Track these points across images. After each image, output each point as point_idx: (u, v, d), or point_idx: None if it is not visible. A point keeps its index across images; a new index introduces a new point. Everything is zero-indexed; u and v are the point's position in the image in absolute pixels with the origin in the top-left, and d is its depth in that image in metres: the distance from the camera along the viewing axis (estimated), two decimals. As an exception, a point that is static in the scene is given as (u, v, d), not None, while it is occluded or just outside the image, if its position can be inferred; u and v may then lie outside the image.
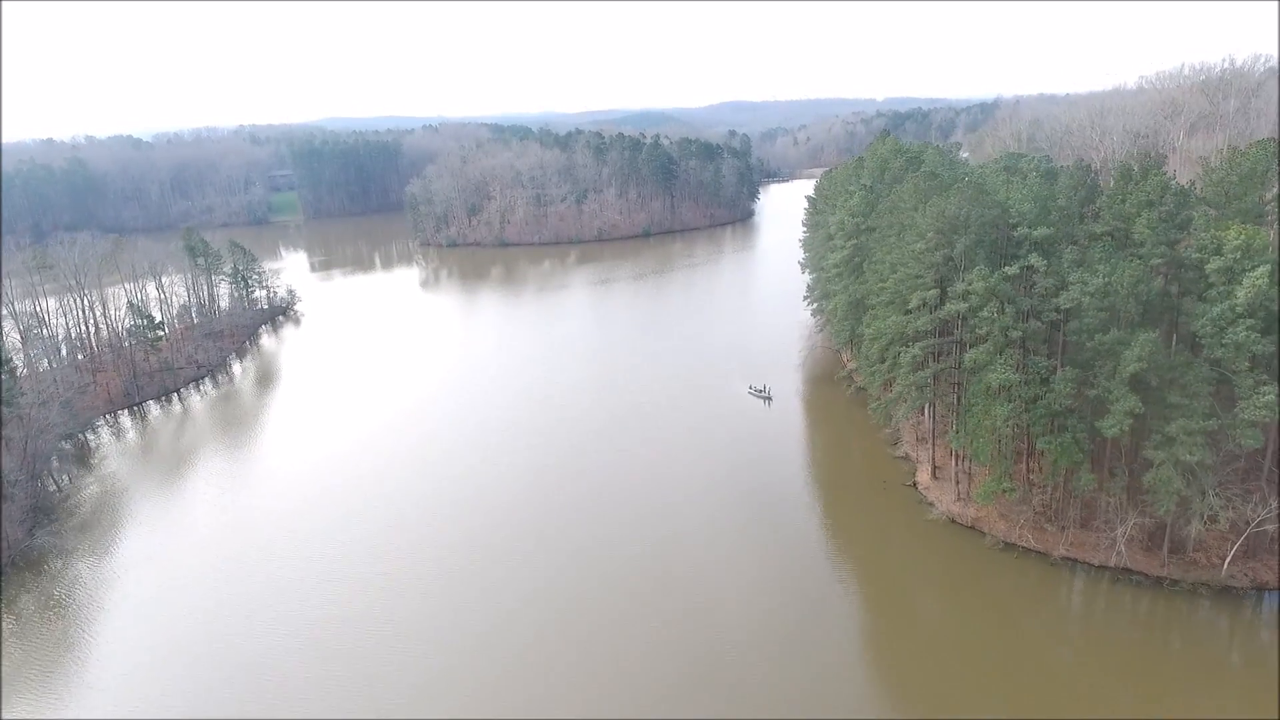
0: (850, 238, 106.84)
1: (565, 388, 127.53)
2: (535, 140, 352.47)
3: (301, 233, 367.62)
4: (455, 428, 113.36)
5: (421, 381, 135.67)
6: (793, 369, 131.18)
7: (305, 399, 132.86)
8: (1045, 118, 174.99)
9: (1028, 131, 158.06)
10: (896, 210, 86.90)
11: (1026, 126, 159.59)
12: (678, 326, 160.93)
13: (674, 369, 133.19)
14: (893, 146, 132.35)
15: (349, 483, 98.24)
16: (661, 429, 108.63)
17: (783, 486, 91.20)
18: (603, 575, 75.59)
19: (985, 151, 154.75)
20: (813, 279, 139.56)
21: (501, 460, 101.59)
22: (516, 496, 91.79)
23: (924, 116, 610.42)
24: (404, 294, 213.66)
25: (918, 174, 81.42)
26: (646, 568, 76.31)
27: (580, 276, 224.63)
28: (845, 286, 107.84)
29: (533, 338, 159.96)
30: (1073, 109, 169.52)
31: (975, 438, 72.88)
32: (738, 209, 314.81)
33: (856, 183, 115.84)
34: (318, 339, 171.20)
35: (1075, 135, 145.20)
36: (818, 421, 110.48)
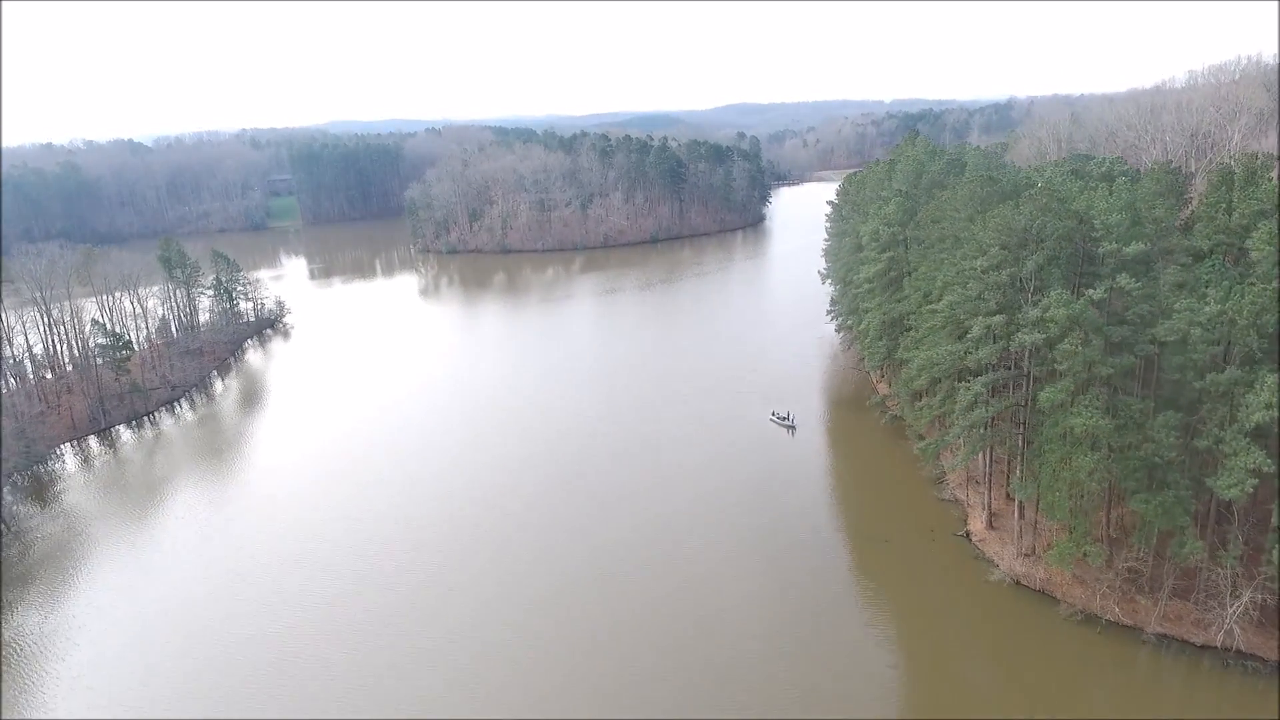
0: (885, 249, 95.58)
1: (567, 414, 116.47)
2: (539, 143, 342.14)
3: (300, 238, 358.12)
4: (449, 463, 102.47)
5: (413, 405, 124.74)
6: (816, 391, 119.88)
7: (289, 421, 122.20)
8: (1084, 116, 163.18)
9: (1067, 131, 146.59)
10: (944, 219, 75.65)
11: (1066, 125, 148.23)
12: (688, 342, 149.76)
13: (685, 391, 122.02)
14: (925, 148, 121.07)
15: (336, 516, 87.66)
16: (672, 462, 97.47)
17: (811, 534, 79.94)
18: (602, 637, 64.65)
19: (1022, 153, 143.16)
20: (837, 292, 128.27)
21: (492, 505, 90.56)
22: (505, 549, 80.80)
23: (936, 117, 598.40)
24: (402, 304, 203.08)
25: (972, 178, 70.44)
26: (650, 624, 65.40)
27: (585, 285, 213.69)
28: (879, 304, 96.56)
29: (534, 356, 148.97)
30: (1115, 106, 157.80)
31: (1050, 491, 61.53)
32: (749, 214, 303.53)
33: (889, 187, 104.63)
34: (307, 354, 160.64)
35: (1122, 135, 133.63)
36: (848, 454, 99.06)
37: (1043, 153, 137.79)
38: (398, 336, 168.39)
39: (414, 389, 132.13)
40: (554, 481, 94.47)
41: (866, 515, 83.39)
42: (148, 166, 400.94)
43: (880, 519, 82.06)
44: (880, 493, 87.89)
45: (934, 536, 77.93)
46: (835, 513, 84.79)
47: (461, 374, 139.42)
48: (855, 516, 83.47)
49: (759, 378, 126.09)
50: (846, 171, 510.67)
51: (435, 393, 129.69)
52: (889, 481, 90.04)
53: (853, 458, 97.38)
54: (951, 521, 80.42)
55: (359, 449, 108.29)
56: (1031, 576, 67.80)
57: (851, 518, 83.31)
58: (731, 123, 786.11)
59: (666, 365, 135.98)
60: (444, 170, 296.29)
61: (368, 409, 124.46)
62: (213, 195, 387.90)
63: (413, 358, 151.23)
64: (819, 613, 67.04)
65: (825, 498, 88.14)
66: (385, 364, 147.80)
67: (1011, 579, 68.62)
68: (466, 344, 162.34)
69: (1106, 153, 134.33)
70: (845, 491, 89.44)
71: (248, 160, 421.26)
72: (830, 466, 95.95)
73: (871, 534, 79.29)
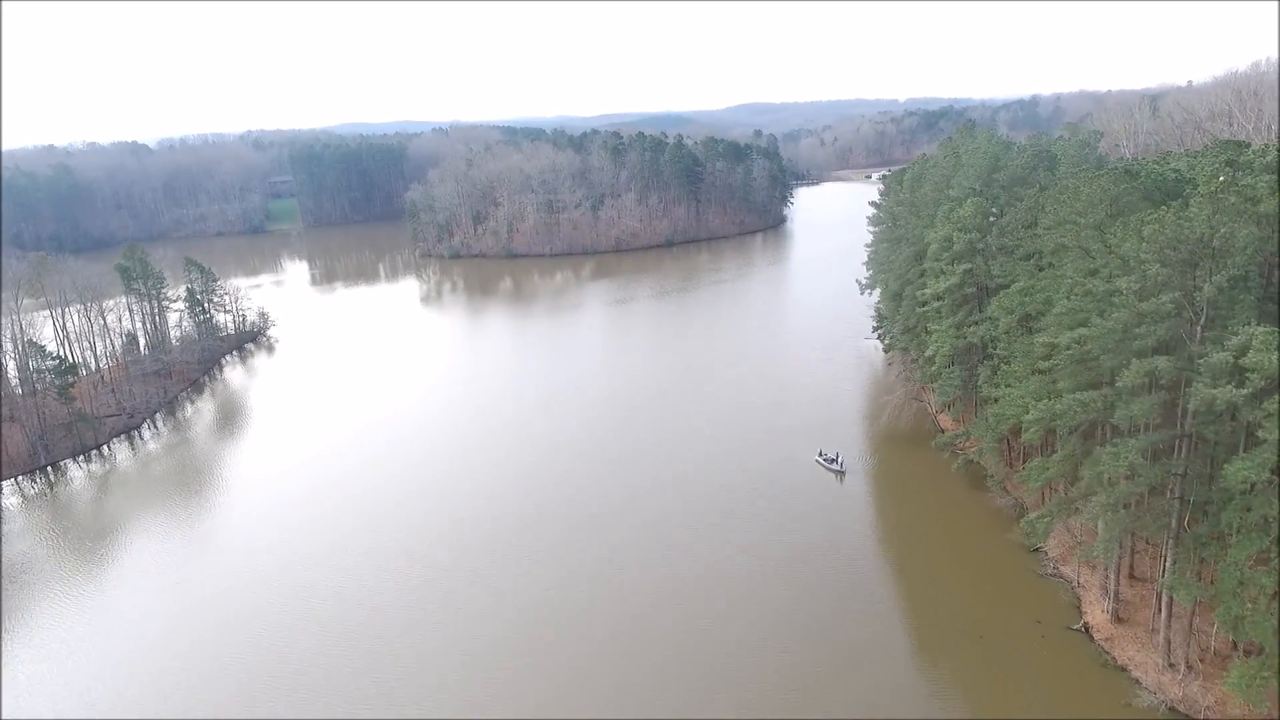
0: (961, 259, 78.63)
1: (575, 451, 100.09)
2: (548, 142, 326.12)
3: (300, 242, 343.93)
4: (441, 500, 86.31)
5: (398, 435, 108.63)
6: (863, 423, 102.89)
7: (263, 449, 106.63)
8: (1155, 107, 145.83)
9: (1146, 122, 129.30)
10: (1061, 225, 58.62)
11: (1145, 117, 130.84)
12: (710, 360, 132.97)
13: (710, 422, 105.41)
14: (989, 139, 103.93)
15: (318, 565, 71.72)
16: (696, 515, 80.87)
17: (875, 621, 63.18)
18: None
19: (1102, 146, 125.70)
20: (887, 306, 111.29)
21: (481, 576, 74.20)
22: (502, 621, 64.49)
23: (959, 114, 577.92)
24: (399, 313, 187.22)
25: (1102, 174, 53.75)
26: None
27: (595, 293, 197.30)
28: (952, 326, 79.60)
29: (539, 377, 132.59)
30: (1194, 96, 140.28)
31: (1237, 600, 44.52)
32: (769, 215, 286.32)
33: (958, 185, 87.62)
34: (292, 370, 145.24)
35: (1210, 125, 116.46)
36: (913, 509, 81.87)
37: (1116, 146, 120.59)
38: (389, 351, 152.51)
39: (399, 414, 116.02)
40: (553, 541, 78.00)
41: (944, 595, 66.31)
42: (144, 168, 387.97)
43: (963, 601, 65.04)
44: (959, 563, 70.80)
45: (1042, 631, 60.95)
46: (903, 592, 67.80)
47: (455, 400, 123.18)
48: (930, 598, 66.42)
49: (794, 404, 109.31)
50: (866, 171, 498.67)
51: (425, 422, 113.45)
52: (968, 547, 72.97)
53: (919, 514, 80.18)
54: (1060, 608, 63.36)
55: (341, 481, 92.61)
56: (1193, 703, 50.72)
57: (925, 599, 66.25)
58: (744, 122, 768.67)
59: (687, 389, 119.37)
60: (447, 171, 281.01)
61: (351, 434, 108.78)
62: (210, 198, 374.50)
63: (402, 378, 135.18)
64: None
65: (888, 570, 71.17)
66: (372, 382, 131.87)
67: (1165, 705, 51.53)
68: (464, 362, 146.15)
69: (1194, 144, 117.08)
70: (913, 561, 72.37)
71: (247, 162, 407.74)
72: (891, 525, 78.91)
73: (956, 624, 62.30)
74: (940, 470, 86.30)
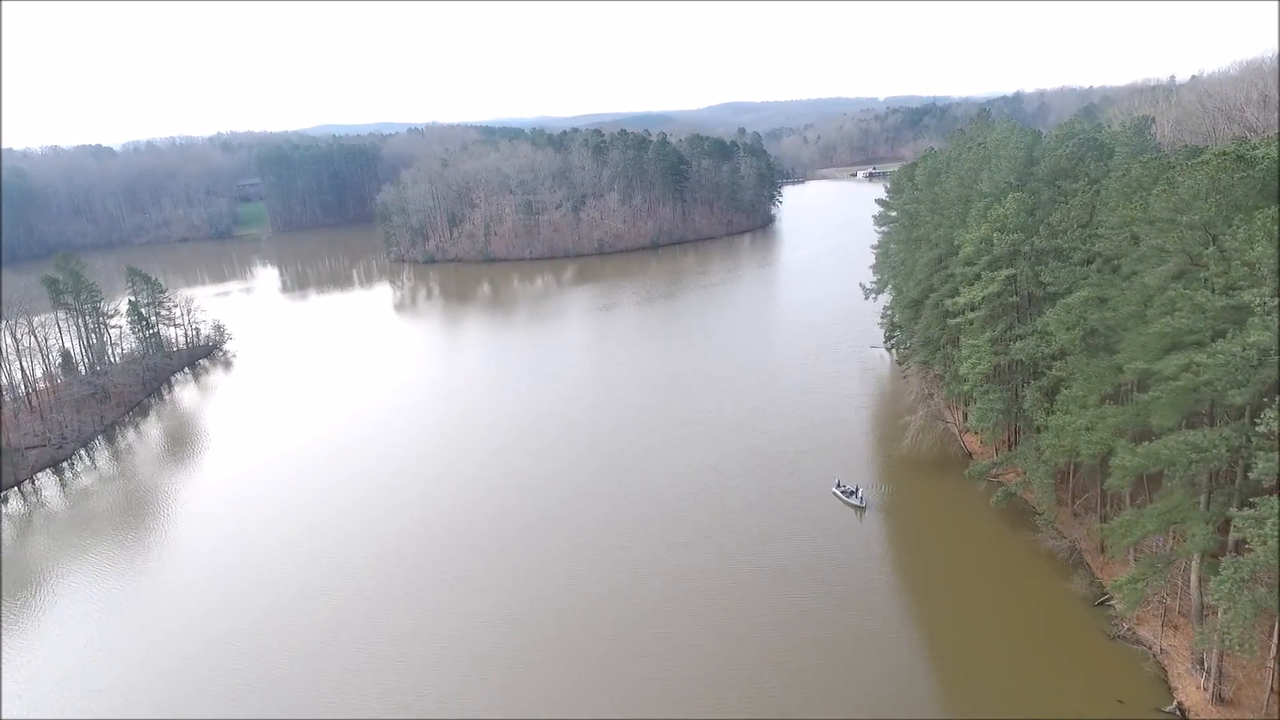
0: (1001, 264, 68.10)
1: (556, 485, 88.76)
2: (527, 141, 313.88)
3: (269, 247, 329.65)
4: (401, 545, 74.59)
5: (366, 464, 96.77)
6: (878, 446, 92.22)
7: (208, 484, 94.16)
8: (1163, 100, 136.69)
9: (1169, 112, 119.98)
10: (1154, 225, 48.00)
11: (1169, 107, 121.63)
12: (702, 375, 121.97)
13: (707, 446, 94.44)
14: (1011, 128, 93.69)
15: (267, 627, 59.75)
16: (694, 563, 69.81)
17: (912, 703, 52.39)
18: None
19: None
20: (902, 315, 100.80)
21: (458, 615, 62.72)
22: (476, 680, 53.20)
23: (942, 111, 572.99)
24: (370, 323, 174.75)
25: (1206, 160, 43.44)
26: None
27: (578, 300, 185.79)
28: (993, 341, 69.04)
29: (518, 396, 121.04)
30: (1219, 86, 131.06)
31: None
32: (757, 215, 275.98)
33: (990, 179, 77.07)
34: (250, 390, 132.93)
35: (1241, 114, 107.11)
36: (948, 553, 70.85)
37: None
38: (356, 368, 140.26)
39: (363, 442, 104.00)
40: (520, 610, 66.59)
41: (996, 665, 55.49)
42: (105, 172, 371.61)
43: (1020, 672, 54.27)
44: (1010, 623, 60.00)
45: (1124, 713, 50.37)
46: (945, 663, 56.95)
47: (427, 423, 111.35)
48: (979, 668, 55.58)
49: (800, 424, 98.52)
50: (852, 169, 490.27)
51: (391, 453, 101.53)
52: (1019, 603, 62.26)
53: (956, 559, 69.33)
54: (1143, 682, 52.76)
55: (299, 514, 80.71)
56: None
57: (973, 671, 55.42)
58: (725, 121, 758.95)
59: (679, 408, 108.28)
60: (421, 171, 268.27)
61: (312, 461, 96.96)
62: (174, 202, 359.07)
63: (369, 399, 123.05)
64: None
65: (925, 633, 60.29)
66: (337, 403, 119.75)
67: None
68: (436, 379, 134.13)
69: (1228, 134, 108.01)
70: (955, 621, 61.44)
71: (214, 164, 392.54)
72: (925, 575, 67.94)
73: (1014, 701, 51.52)
74: (975, 504, 75.71)
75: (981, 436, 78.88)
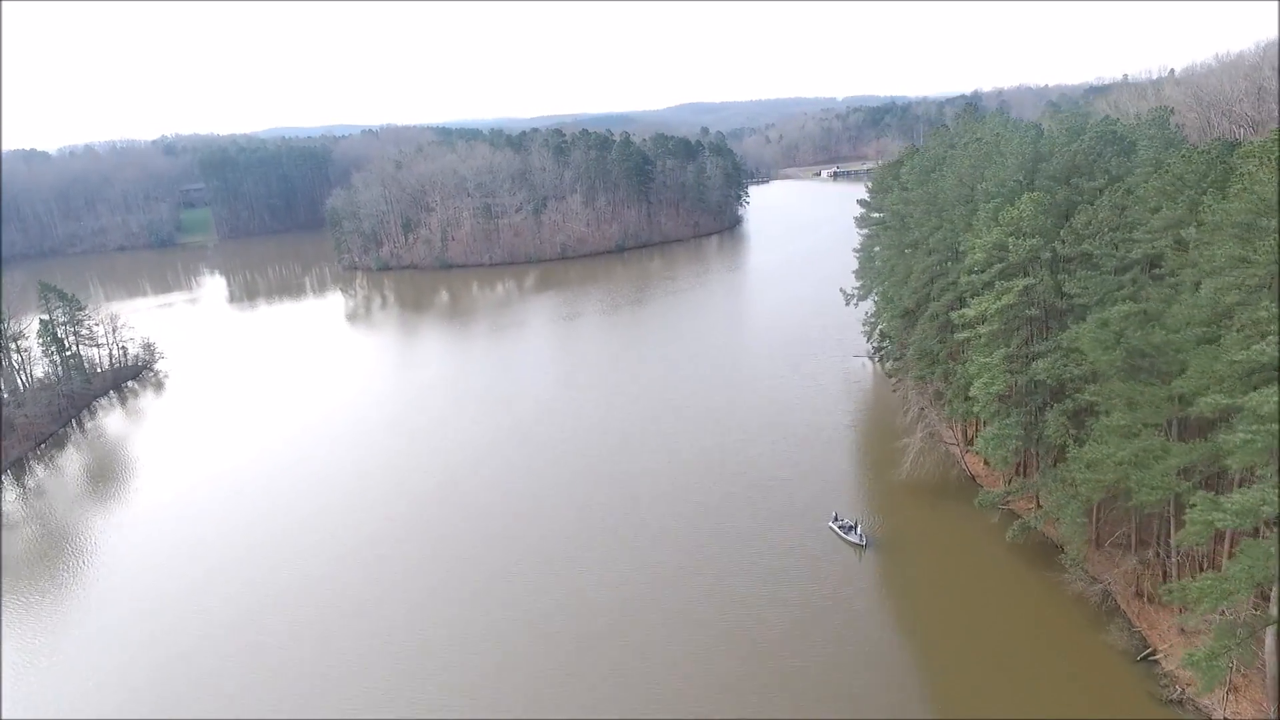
0: (1015, 273, 60.53)
1: (519, 525, 79.42)
2: (485, 141, 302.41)
3: (214, 255, 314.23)
4: (341, 597, 64.64)
5: (302, 498, 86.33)
6: (871, 470, 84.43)
7: (124, 527, 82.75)
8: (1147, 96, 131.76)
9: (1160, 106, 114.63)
10: (1227, 228, 40.45)
11: (1158, 103, 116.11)
12: (674, 389, 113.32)
13: (680, 474, 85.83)
14: (1006, 124, 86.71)
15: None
16: (666, 618, 61.09)
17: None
18: None
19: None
20: (891, 325, 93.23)
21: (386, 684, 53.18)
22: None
23: (903, 110, 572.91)
24: (318, 337, 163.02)
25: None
26: None
27: (540, 309, 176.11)
28: (1008, 359, 61.44)
29: (477, 419, 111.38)
30: (1204, 79, 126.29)
31: None
32: (725, 216, 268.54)
33: (995, 178, 69.54)
34: (182, 414, 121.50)
35: (1238, 108, 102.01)
36: (962, 598, 62.68)
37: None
38: (302, 386, 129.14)
39: (305, 480, 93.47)
40: (475, 672, 57.28)
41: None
42: (36, 177, 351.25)
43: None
44: (1039, 682, 52.20)
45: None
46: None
47: (376, 450, 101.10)
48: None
49: (783, 444, 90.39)
50: (815, 168, 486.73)
51: (336, 482, 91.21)
52: (1048, 656, 54.40)
53: (972, 606, 61.23)
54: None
55: (228, 563, 69.99)
56: None
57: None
58: (687, 121, 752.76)
59: (650, 427, 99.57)
60: (373, 174, 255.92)
61: (248, 497, 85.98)
62: (111, 209, 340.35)
63: (313, 421, 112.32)
64: None
65: (943, 696, 52.33)
66: (279, 428, 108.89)
67: None
68: (389, 396, 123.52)
69: (1222, 130, 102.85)
70: (977, 681, 53.51)
71: (155, 169, 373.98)
72: (939, 626, 59.62)
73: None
74: (987, 538, 68.09)
75: (990, 460, 71.36)
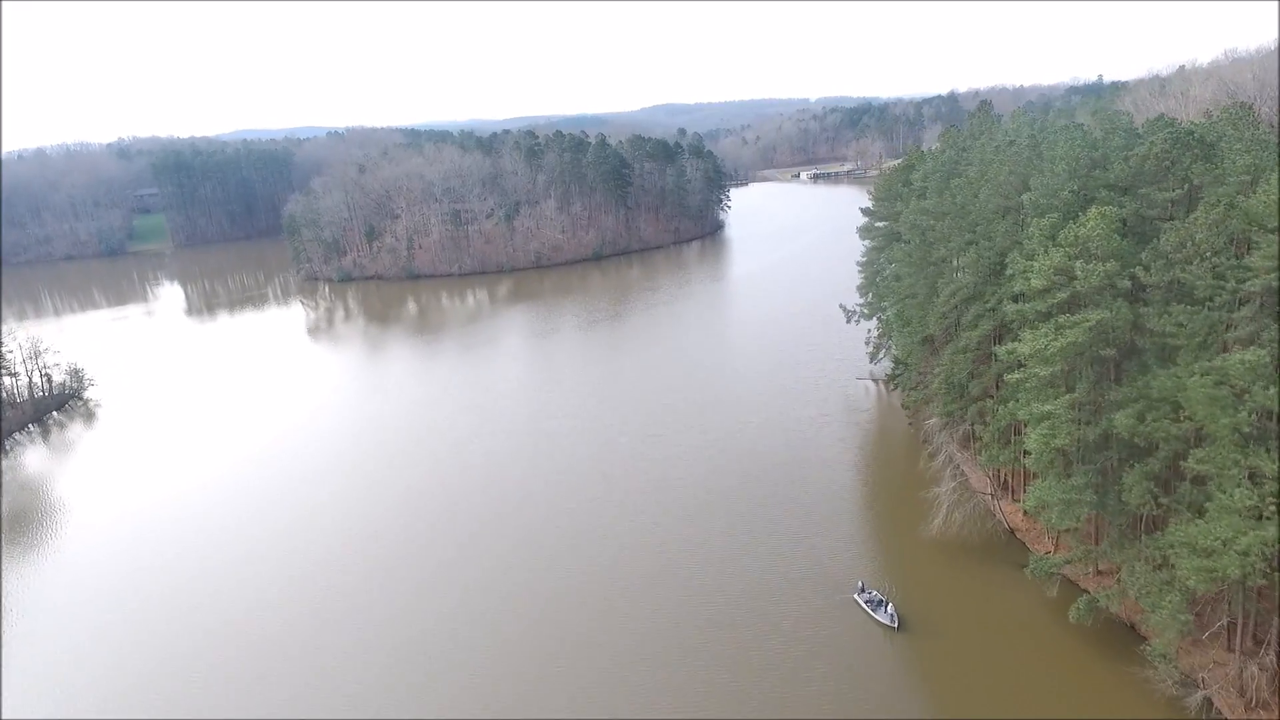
0: (1083, 304, 49.87)
1: (489, 595, 67.59)
2: (454, 144, 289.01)
3: (171, 264, 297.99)
4: (285, 647, 52.56)
5: (243, 543, 73.67)
6: (893, 524, 73.48)
7: (38, 583, 69.60)
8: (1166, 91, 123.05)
9: (1189, 107, 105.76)
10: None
11: (1184, 101, 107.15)
12: (658, 423, 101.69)
13: (673, 526, 74.47)
14: (1029, 124, 76.37)
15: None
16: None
17: None
18: None
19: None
20: (906, 350, 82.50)
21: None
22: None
23: (880, 111, 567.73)
24: (266, 358, 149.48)
25: None
26: None
27: (512, 324, 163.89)
28: (1072, 407, 50.72)
29: (442, 462, 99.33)
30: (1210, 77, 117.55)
31: None
32: (705, 221, 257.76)
33: (1044, 187, 58.84)
34: (113, 448, 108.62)
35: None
36: (1017, 692, 52.11)
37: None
38: (246, 414, 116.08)
39: (238, 518, 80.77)
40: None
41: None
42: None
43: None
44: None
45: None
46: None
47: (314, 503, 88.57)
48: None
49: (786, 489, 79.26)
50: (794, 170, 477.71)
51: (281, 537, 78.65)
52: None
53: (1034, 704, 50.56)
54: None
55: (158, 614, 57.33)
56: None
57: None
58: (661, 123, 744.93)
59: (634, 471, 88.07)
60: (334, 179, 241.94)
61: (161, 546, 73.12)
62: (57, 216, 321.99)
63: (259, 458, 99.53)
64: None
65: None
66: (218, 464, 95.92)
67: None
68: (342, 434, 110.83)
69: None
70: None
71: (105, 174, 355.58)
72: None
73: None
74: (1043, 613, 57.32)
75: (1050, 523, 60.60)
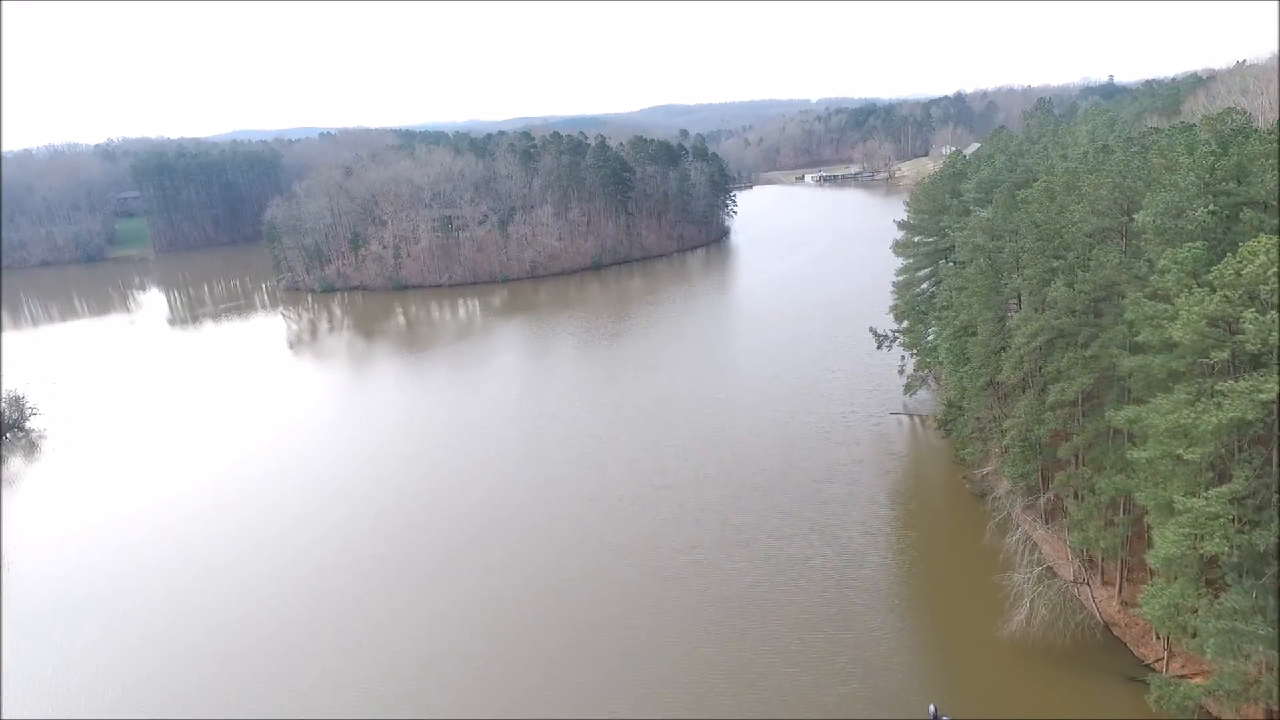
0: (1246, 366, 37.06)
1: (480, 673, 54.62)
2: (448, 145, 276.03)
3: (151, 270, 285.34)
4: None
5: (209, 582, 60.75)
6: (956, 615, 60.55)
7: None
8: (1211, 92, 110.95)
9: (1263, 101, 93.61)
10: None
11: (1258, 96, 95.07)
12: (666, 472, 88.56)
13: (690, 611, 61.59)
14: (1108, 125, 63.45)
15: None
16: None
17: None
18: None
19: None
20: (961, 390, 69.61)
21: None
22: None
23: (887, 112, 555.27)
24: (240, 381, 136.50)
25: None
26: None
27: (506, 343, 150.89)
28: (1239, 500, 37.86)
29: (424, 518, 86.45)
30: None
31: None
32: (711, 227, 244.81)
33: (1162, 206, 46.04)
34: (55, 488, 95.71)
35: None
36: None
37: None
38: (206, 452, 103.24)
39: (200, 560, 67.83)
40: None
41: None
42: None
43: None
44: None
45: None
46: None
47: (282, 547, 75.57)
48: None
49: (824, 568, 66.34)
50: (798, 171, 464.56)
51: (227, 589, 65.67)
52: None
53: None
54: None
55: None
56: None
57: None
58: (661, 124, 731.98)
59: (644, 532, 75.14)
60: (318, 183, 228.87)
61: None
62: (33, 220, 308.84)
63: (214, 494, 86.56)
64: None
65: None
66: (178, 508, 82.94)
67: None
68: (312, 486, 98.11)
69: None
70: None
71: (85, 176, 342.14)
72: None
73: None
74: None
75: (1208, 654, 47.70)
